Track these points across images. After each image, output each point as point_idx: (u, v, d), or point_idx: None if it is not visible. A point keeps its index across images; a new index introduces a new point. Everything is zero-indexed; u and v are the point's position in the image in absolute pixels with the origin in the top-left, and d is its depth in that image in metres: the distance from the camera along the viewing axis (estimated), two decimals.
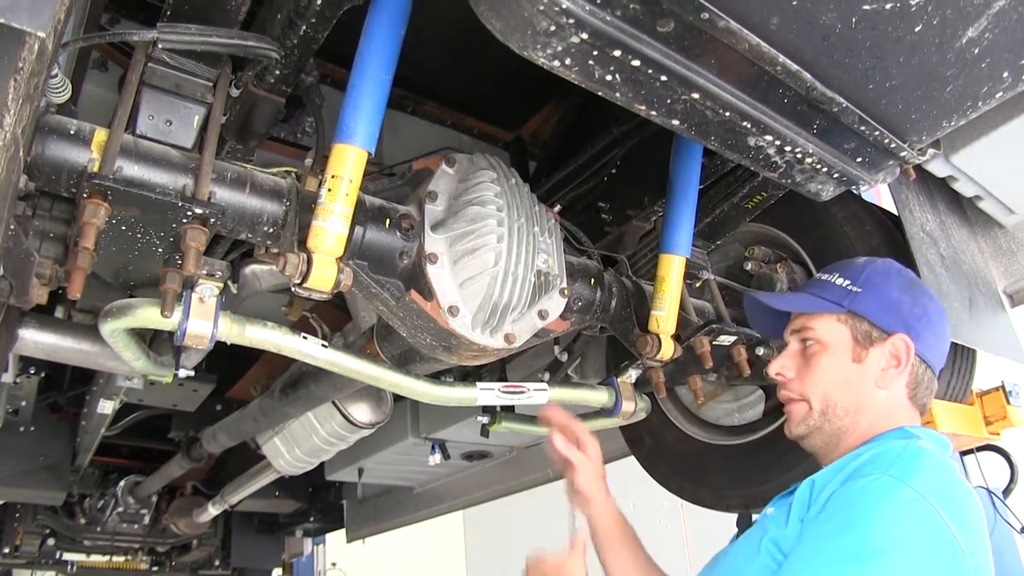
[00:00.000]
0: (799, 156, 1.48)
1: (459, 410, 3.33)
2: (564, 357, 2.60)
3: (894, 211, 2.07)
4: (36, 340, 1.89)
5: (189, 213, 1.43)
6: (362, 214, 1.59)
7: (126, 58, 1.92)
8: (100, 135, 1.38)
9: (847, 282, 1.57)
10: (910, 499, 1.25)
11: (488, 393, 2.00)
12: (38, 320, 1.90)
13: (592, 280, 2.02)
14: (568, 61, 1.14)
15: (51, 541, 5.70)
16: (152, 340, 1.97)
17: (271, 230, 1.56)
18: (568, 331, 2.04)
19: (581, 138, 2.44)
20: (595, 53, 1.13)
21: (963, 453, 2.39)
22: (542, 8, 1.05)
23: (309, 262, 1.44)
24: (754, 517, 1.64)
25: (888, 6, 1.16)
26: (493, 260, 1.66)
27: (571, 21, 1.07)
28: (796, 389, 1.57)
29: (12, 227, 1.27)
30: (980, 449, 2.36)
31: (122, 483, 5.18)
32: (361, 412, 2.83)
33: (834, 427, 1.52)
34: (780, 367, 1.61)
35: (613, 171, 2.40)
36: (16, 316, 1.83)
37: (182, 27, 1.41)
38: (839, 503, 1.31)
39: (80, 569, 6.33)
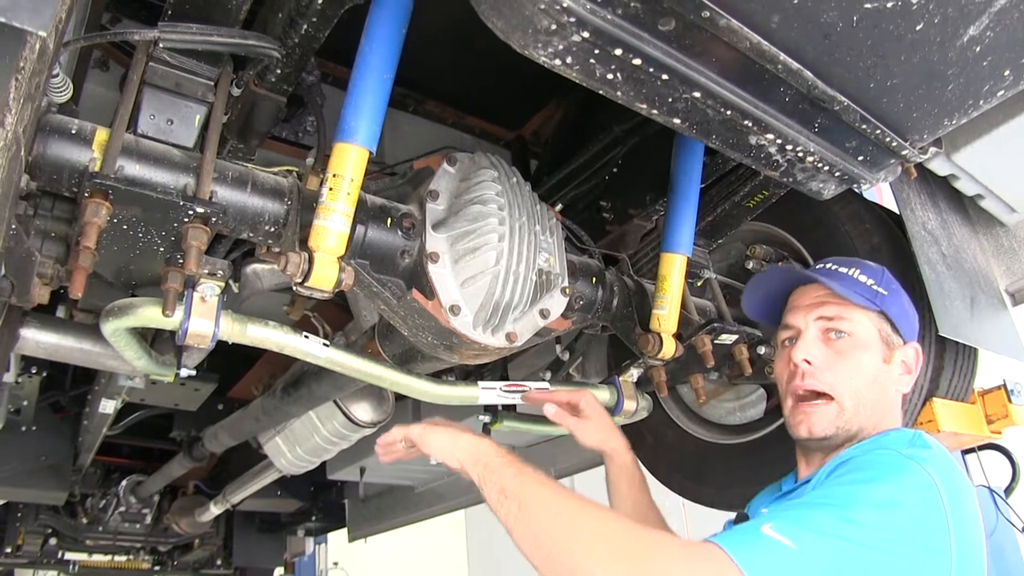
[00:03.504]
0: (800, 155, 1.47)
1: (461, 409, 3.32)
2: (566, 356, 2.60)
3: (895, 210, 2.07)
4: (38, 340, 1.89)
5: (190, 212, 1.43)
6: (363, 213, 1.59)
7: (127, 57, 1.92)
8: (101, 134, 1.38)
9: (872, 282, 1.54)
10: (919, 474, 1.27)
11: (490, 392, 2.00)
12: (40, 320, 1.90)
13: (594, 279, 2.02)
14: (569, 60, 1.14)
15: (53, 541, 5.69)
16: (154, 339, 1.97)
17: (272, 229, 1.56)
18: (570, 330, 2.04)
19: (582, 137, 2.44)
20: (596, 52, 1.13)
21: (965, 452, 2.39)
22: (543, 7, 1.05)
23: (310, 261, 1.44)
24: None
25: (889, 4, 1.16)
26: (494, 259, 1.66)
27: (572, 20, 1.06)
28: (826, 380, 1.50)
29: (14, 227, 1.27)
30: (982, 448, 2.36)
31: (124, 483, 5.18)
32: (363, 411, 2.83)
33: (856, 427, 1.49)
34: (807, 354, 1.51)
35: (614, 170, 2.40)
36: (18, 316, 1.83)
37: (183, 26, 1.41)
38: (843, 468, 1.34)
39: (82, 569, 6.33)
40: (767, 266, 2.30)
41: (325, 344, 1.70)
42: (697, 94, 1.26)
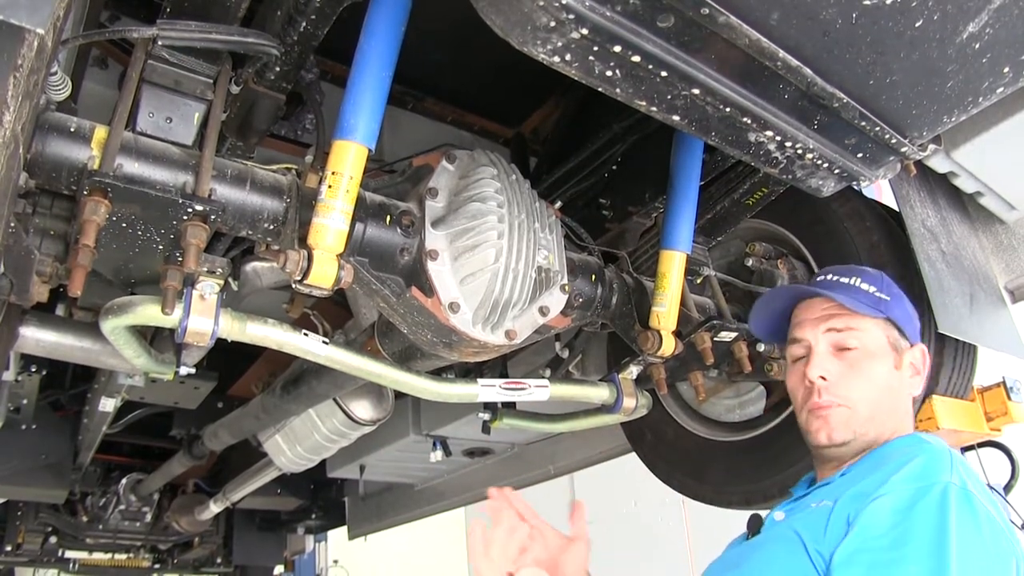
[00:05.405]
0: (800, 152, 1.47)
1: (460, 407, 3.32)
2: (565, 353, 2.60)
3: (895, 207, 2.07)
4: (37, 338, 1.90)
5: (189, 210, 1.43)
6: (363, 211, 1.59)
7: (126, 55, 1.92)
8: (100, 132, 1.38)
9: (874, 288, 1.54)
10: (981, 508, 1.25)
11: (489, 390, 2.00)
12: (39, 318, 1.90)
13: (593, 276, 2.02)
14: (568, 57, 1.14)
15: (53, 539, 5.71)
16: (153, 338, 1.97)
17: (272, 227, 1.56)
18: (569, 327, 2.04)
19: (582, 134, 2.44)
20: (595, 49, 1.13)
21: (964, 449, 2.38)
22: (542, 4, 1.05)
23: (310, 259, 1.44)
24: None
25: (889, 1, 1.16)
26: (494, 257, 1.66)
27: (571, 17, 1.06)
28: (841, 394, 1.48)
29: (12, 225, 1.27)
30: (981, 445, 2.36)
31: (124, 481, 5.18)
32: (362, 409, 2.84)
33: (874, 433, 1.47)
34: (822, 370, 1.49)
35: (614, 167, 2.40)
36: (17, 314, 1.83)
37: (182, 24, 1.41)
38: (900, 515, 1.24)
39: (82, 567, 6.34)
40: (766, 264, 2.30)
41: (324, 342, 1.70)
42: (696, 91, 1.25)
